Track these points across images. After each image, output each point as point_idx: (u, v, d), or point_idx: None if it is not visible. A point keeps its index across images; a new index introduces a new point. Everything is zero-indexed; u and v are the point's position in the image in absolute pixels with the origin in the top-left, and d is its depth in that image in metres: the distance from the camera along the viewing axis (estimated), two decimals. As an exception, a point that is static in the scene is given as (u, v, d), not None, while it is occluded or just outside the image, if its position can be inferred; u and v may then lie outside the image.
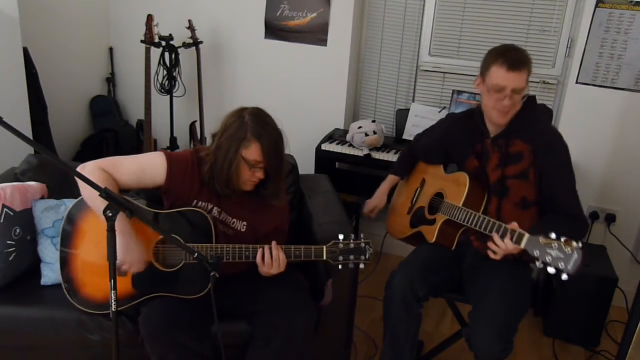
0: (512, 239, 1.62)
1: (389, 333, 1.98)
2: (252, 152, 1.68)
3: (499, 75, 1.73)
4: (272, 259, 1.70)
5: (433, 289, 1.94)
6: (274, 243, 1.72)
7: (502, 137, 1.87)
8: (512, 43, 1.84)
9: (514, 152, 1.86)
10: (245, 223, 1.85)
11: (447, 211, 1.92)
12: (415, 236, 2.09)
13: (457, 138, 2.02)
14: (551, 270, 1.50)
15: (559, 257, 1.49)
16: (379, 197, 2.25)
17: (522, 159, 1.85)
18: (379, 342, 2.43)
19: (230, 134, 1.70)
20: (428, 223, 2.02)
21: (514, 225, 1.64)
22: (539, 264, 1.52)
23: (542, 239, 1.53)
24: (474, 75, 3.06)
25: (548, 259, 1.50)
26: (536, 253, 1.53)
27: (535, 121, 1.87)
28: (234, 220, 1.84)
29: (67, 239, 1.81)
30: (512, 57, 1.74)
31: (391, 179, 2.28)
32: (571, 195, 1.83)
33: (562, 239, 1.50)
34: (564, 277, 1.48)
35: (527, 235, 1.58)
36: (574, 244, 1.48)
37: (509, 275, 1.87)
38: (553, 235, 1.52)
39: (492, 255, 1.71)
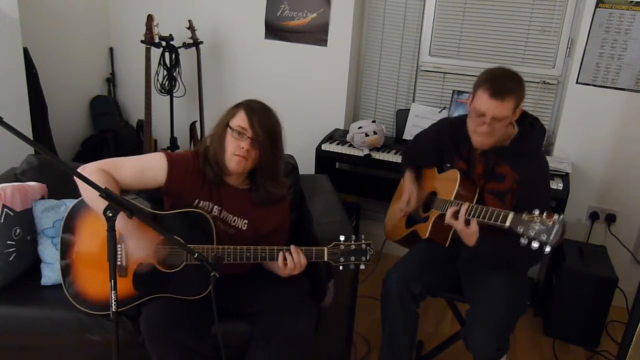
0: (497, 220, 1.64)
1: (386, 331, 1.98)
2: (237, 118, 1.74)
3: (482, 99, 1.72)
4: (294, 263, 1.71)
5: (429, 287, 1.95)
6: (293, 247, 1.73)
7: (492, 153, 1.86)
8: (508, 67, 1.79)
9: (498, 172, 1.86)
10: (246, 221, 1.85)
11: (439, 206, 1.93)
12: (411, 236, 2.10)
13: (446, 140, 2.03)
14: (535, 244, 1.52)
15: (541, 230, 1.51)
16: (409, 185, 2.13)
17: (503, 180, 1.85)
18: (378, 342, 2.42)
19: (223, 116, 1.79)
20: (422, 221, 2.04)
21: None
22: (523, 240, 1.54)
23: (525, 215, 1.56)
24: (474, 75, 3.07)
25: (531, 234, 1.53)
26: (520, 229, 1.55)
27: (529, 151, 1.86)
28: (235, 218, 1.84)
29: (67, 239, 1.80)
30: (498, 84, 1.70)
31: (409, 174, 2.18)
32: None
33: (544, 214, 1.53)
34: (547, 249, 1.51)
35: (511, 213, 1.61)
36: (555, 216, 1.51)
37: (505, 274, 1.88)
38: (536, 211, 1.54)
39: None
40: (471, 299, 1.93)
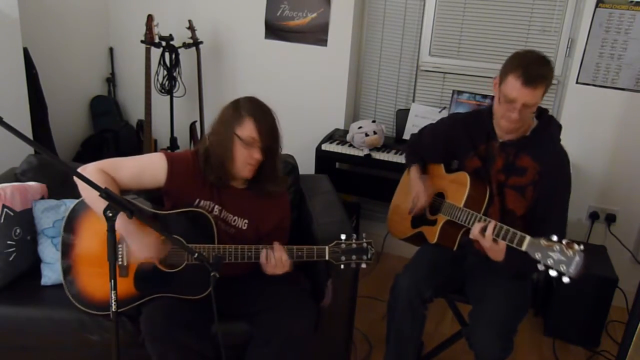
0: (512, 242, 1.60)
1: (392, 335, 1.98)
2: (246, 128, 1.72)
3: (514, 86, 1.67)
4: (275, 260, 1.71)
5: (437, 289, 1.95)
6: (276, 244, 1.73)
7: (512, 146, 1.84)
8: (537, 50, 1.73)
9: (519, 165, 1.83)
10: (246, 220, 1.85)
11: (448, 211, 1.91)
12: (416, 236, 2.09)
13: (459, 136, 1.98)
14: (553, 273, 1.48)
15: (560, 259, 1.47)
16: (417, 185, 2.07)
17: (524, 174, 1.82)
18: (378, 342, 2.43)
19: (225, 118, 1.77)
20: (429, 223, 2.02)
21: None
22: (540, 267, 1.50)
23: (543, 241, 1.51)
24: (474, 75, 3.09)
25: (549, 262, 1.48)
26: (537, 256, 1.51)
27: (549, 141, 1.84)
28: (235, 217, 1.84)
29: (68, 239, 1.80)
30: (532, 71, 1.65)
31: (415, 168, 2.13)
32: (561, 221, 1.82)
33: (564, 241, 1.48)
34: (566, 280, 1.46)
35: (528, 238, 1.56)
36: (576, 246, 1.46)
37: (509, 276, 1.87)
38: (554, 238, 1.50)
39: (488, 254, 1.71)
40: (475, 299, 1.92)
